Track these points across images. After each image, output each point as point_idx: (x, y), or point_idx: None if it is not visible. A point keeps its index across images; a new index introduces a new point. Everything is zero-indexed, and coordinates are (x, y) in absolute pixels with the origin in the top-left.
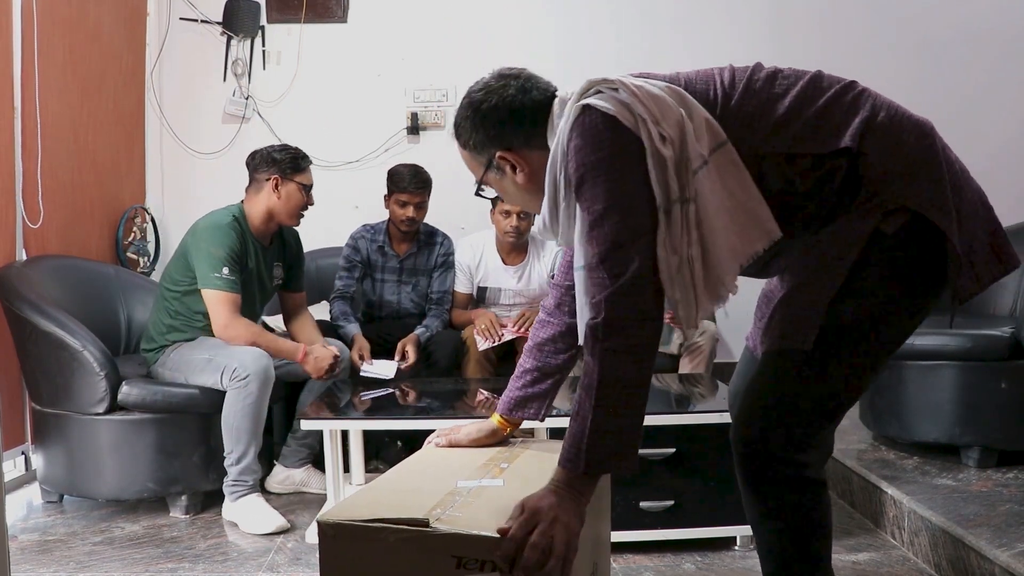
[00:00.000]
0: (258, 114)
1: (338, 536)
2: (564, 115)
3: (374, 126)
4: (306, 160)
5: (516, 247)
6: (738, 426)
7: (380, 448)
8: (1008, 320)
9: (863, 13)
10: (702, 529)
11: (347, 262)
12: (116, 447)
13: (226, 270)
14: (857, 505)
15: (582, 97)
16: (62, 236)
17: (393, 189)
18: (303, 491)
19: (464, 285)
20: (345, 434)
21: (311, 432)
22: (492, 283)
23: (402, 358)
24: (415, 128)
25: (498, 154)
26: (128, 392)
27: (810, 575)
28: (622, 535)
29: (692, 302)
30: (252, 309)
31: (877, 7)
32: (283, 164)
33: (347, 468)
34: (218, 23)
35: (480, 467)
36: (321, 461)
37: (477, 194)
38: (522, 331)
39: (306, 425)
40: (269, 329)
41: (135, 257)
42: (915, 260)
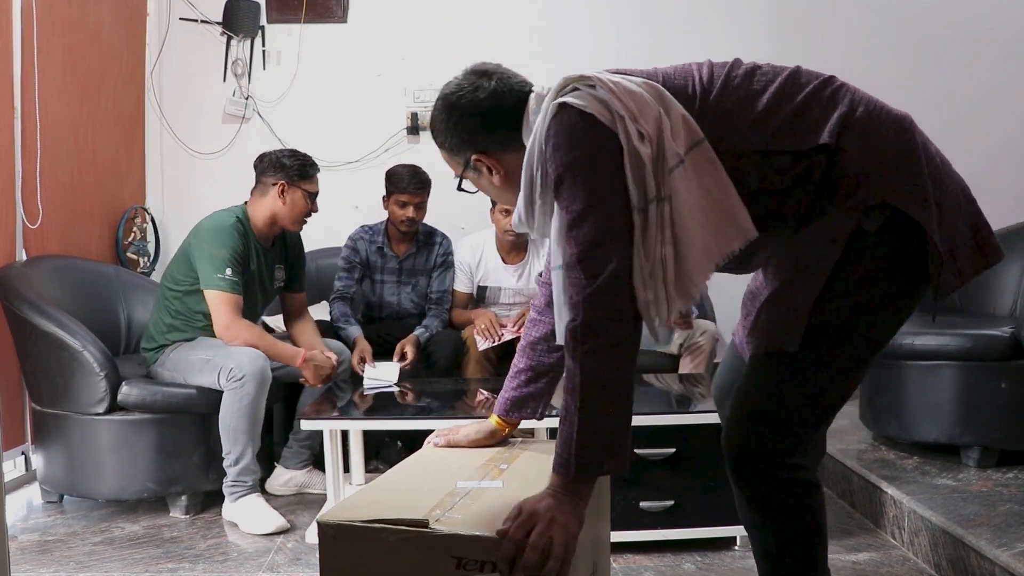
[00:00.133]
0: (258, 114)
1: (338, 536)
2: (540, 112)
3: (374, 126)
4: (314, 168)
5: (516, 246)
6: (729, 431)
7: (380, 448)
8: (1008, 320)
9: (863, 13)
10: (702, 529)
11: (346, 263)
12: (116, 447)
13: (229, 271)
14: (857, 505)
15: (559, 95)
16: (62, 236)
17: (392, 190)
18: (305, 492)
19: (464, 284)
20: (345, 434)
21: (312, 433)
22: (492, 282)
23: (401, 358)
24: (415, 128)
25: (473, 157)
26: (128, 392)
27: None
28: (622, 535)
29: (663, 302)
30: (253, 311)
31: (877, 7)
32: (291, 171)
33: (347, 468)
34: (218, 23)
35: (479, 468)
36: (321, 461)
37: (459, 189)
38: (522, 331)
39: (306, 425)
40: (269, 330)
41: (135, 257)
42: (897, 256)
